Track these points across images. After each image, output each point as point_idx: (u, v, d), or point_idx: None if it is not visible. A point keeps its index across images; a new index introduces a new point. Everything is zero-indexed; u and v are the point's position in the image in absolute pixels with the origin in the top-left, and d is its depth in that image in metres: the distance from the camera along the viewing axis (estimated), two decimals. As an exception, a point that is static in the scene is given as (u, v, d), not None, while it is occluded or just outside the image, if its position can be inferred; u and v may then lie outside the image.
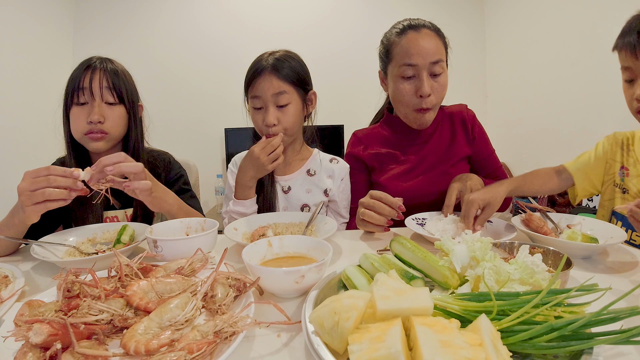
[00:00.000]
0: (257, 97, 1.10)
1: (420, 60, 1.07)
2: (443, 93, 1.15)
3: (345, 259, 0.82)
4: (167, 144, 1.39)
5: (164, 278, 0.57)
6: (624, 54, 0.95)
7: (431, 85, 1.10)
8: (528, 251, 0.53)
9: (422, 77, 1.08)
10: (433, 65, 1.08)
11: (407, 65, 1.09)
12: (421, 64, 1.07)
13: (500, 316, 0.43)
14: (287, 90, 1.09)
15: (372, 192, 0.98)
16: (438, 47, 1.09)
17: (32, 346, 0.43)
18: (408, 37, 1.09)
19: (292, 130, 1.14)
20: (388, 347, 0.36)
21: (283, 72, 1.08)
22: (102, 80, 1.03)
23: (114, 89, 1.05)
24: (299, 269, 0.56)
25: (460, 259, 0.54)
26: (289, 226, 1.00)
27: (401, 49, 1.10)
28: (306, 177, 1.23)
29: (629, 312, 0.40)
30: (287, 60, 1.11)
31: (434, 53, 1.08)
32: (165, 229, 0.87)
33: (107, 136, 1.05)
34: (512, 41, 3.04)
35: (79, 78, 1.02)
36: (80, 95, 1.02)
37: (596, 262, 0.78)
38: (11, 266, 0.71)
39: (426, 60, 1.07)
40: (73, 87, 1.02)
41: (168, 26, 3.20)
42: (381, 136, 1.28)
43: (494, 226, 0.98)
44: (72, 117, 1.04)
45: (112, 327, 0.49)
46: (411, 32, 1.10)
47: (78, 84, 1.01)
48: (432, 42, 1.08)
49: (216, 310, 0.51)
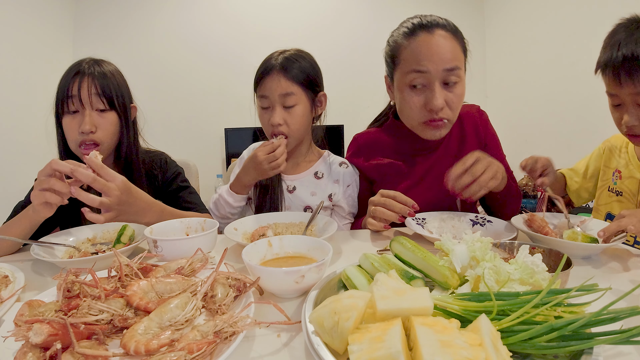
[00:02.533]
0: (264, 97, 1.09)
1: (432, 66, 0.92)
2: (459, 106, 1.00)
3: (345, 259, 0.82)
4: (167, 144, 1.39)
5: (164, 278, 0.57)
6: (608, 80, 0.90)
7: (445, 96, 0.94)
8: (528, 251, 0.53)
9: (434, 87, 0.93)
10: (448, 73, 0.92)
11: (416, 72, 0.94)
12: (433, 70, 0.92)
13: (500, 316, 0.43)
14: (295, 91, 1.07)
15: (383, 190, 0.95)
16: (455, 51, 0.94)
17: (32, 346, 0.43)
18: (418, 39, 0.94)
19: (299, 132, 1.13)
20: (388, 347, 0.36)
21: (292, 72, 1.06)
22: (91, 87, 1.00)
23: (104, 95, 1.02)
24: (299, 269, 0.56)
25: (460, 259, 0.54)
26: (289, 226, 1.00)
27: (410, 53, 0.95)
28: (313, 179, 1.21)
29: (629, 312, 0.40)
30: (297, 60, 1.09)
31: (450, 59, 0.92)
32: (165, 229, 0.87)
33: (99, 147, 1.02)
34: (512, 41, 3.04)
35: (67, 86, 0.99)
36: (70, 104, 0.99)
37: (596, 262, 0.78)
38: (11, 266, 0.71)
39: (439, 67, 0.92)
40: (63, 96, 0.99)
41: (168, 26, 3.20)
42: (384, 143, 1.17)
43: (494, 226, 0.98)
44: (65, 126, 1.02)
45: (112, 327, 0.49)
46: (422, 33, 0.94)
47: (67, 92, 0.99)
48: (448, 45, 0.93)
49: (216, 310, 0.51)
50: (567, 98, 2.47)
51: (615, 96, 0.92)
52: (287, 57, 1.08)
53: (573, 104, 2.42)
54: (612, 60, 0.87)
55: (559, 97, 2.54)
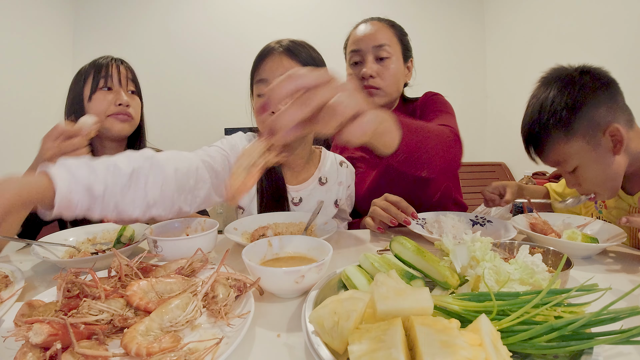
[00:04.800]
0: (262, 81, 0.94)
1: (363, 44, 1.13)
2: (392, 78, 1.15)
3: (345, 259, 0.82)
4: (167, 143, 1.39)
5: (164, 278, 0.57)
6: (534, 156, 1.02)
7: (376, 68, 1.13)
8: (528, 251, 0.53)
9: (367, 59, 1.13)
10: (377, 49, 1.13)
11: (353, 51, 1.16)
12: (364, 48, 1.13)
13: (500, 316, 0.43)
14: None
15: (387, 195, 0.98)
16: (384, 33, 1.14)
17: (32, 346, 0.43)
18: (357, 29, 1.18)
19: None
20: (388, 347, 0.36)
21: (300, 56, 0.94)
22: (127, 72, 1.13)
23: (134, 81, 1.16)
24: (299, 269, 0.56)
25: (460, 259, 0.54)
26: (289, 226, 1.00)
27: (351, 39, 1.19)
28: (317, 186, 1.12)
29: (629, 312, 0.40)
30: (305, 47, 0.99)
31: (377, 38, 1.13)
32: (165, 229, 0.87)
33: (132, 120, 1.12)
34: (512, 41, 3.04)
35: (103, 65, 1.09)
36: (107, 80, 1.08)
37: (596, 262, 0.78)
38: (11, 266, 0.71)
39: (369, 44, 1.13)
40: (99, 74, 1.08)
41: (168, 26, 3.20)
42: None
43: (494, 226, 0.98)
44: (96, 100, 1.08)
45: (112, 327, 0.49)
46: (361, 24, 1.19)
47: (105, 71, 1.08)
48: (377, 28, 1.14)
49: (218, 311, 0.51)
50: (567, 98, 2.47)
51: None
52: (293, 41, 0.97)
53: (573, 104, 2.42)
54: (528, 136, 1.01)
55: (559, 97, 2.54)
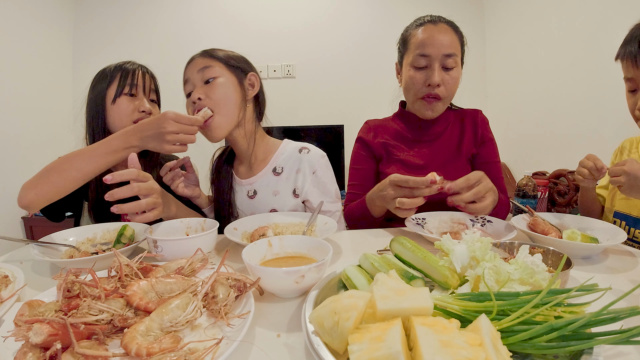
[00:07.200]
0: (186, 82, 1.06)
1: (433, 51, 1.10)
2: (454, 87, 1.17)
3: (345, 259, 0.82)
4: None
5: (164, 278, 0.57)
6: (626, 64, 0.95)
7: (442, 77, 1.12)
8: (528, 251, 0.53)
9: (434, 67, 1.11)
10: (446, 57, 1.11)
11: (421, 55, 1.12)
12: (434, 54, 1.11)
13: (500, 316, 0.43)
14: (213, 64, 1.02)
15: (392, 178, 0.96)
16: (453, 41, 1.13)
17: (32, 346, 0.43)
18: (425, 28, 1.14)
19: (225, 109, 1.01)
20: (388, 347, 0.36)
21: (212, 53, 1.04)
22: (151, 81, 1.16)
23: (156, 91, 1.19)
24: (299, 269, 0.56)
25: (460, 259, 0.54)
26: (289, 226, 1.00)
27: (417, 39, 1.14)
28: (272, 177, 1.10)
29: (629, 312, 0.40)
30: (220, 49, 1.08)
31: (448, 46, 1.11)
32: (165, 229, 0.87)
33: None
34: (512, 41, 3.04)
35: (131, 72, 1.10)
36: (132, 88, 1.10)
37: (596, 262, 0.78)
38: (11, 266, 0.71)
39: (439, 52, 1.10)
40: (125, 79, 1.09)
41: (167, 26, 3.20)
42: (392, 128, 1.29)
43: (494, 226, 0.98)
44: (121, 105, 1.09)
45: (112, 327, 0.49)
46: (429, 24, 1.14)
47: (131, 78, 1.10)
48: (448, 35, 1.12)
49: (218, 311, 0.51)
50: (567, 98, 2.47)
51: (631, 80, 0.95)
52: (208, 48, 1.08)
53: (573, 104, 2.41)
54: (632, 41, 0.92)
55: (559, 97, 2.54)
